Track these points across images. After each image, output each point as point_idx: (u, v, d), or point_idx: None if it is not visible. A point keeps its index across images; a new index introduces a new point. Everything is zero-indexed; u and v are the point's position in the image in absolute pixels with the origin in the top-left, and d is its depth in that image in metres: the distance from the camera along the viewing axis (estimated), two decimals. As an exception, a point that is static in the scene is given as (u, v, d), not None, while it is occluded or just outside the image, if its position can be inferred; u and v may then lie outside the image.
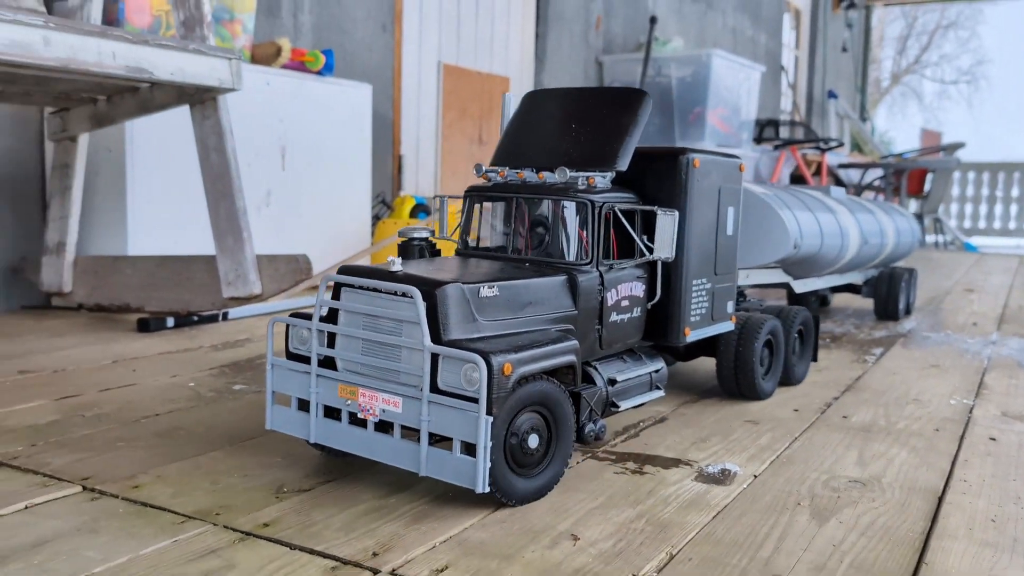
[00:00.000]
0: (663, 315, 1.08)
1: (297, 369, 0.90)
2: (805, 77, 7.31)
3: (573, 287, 0.94)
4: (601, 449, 1.03)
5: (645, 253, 1.01)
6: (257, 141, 2.14)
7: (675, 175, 1.06)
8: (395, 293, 0.84)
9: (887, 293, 2.04)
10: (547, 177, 0.99)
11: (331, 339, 0.90)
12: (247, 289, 1.63)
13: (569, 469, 0.95)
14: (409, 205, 2.56)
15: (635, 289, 1.03)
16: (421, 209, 2.57)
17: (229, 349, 1.56)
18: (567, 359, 0.87)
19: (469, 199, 1.07)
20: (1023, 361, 1.64)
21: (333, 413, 0.90)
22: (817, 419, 1.19)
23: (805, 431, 1.13)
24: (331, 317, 0.90)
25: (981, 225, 6.44)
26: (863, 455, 1.04)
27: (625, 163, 1.00)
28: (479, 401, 0.77)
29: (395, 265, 0.87)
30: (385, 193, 2.93)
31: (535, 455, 0.85)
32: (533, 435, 0.84)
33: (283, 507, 0.83)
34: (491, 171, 1.05)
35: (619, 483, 0.92)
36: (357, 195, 2.47)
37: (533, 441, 0.84)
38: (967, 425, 1.18)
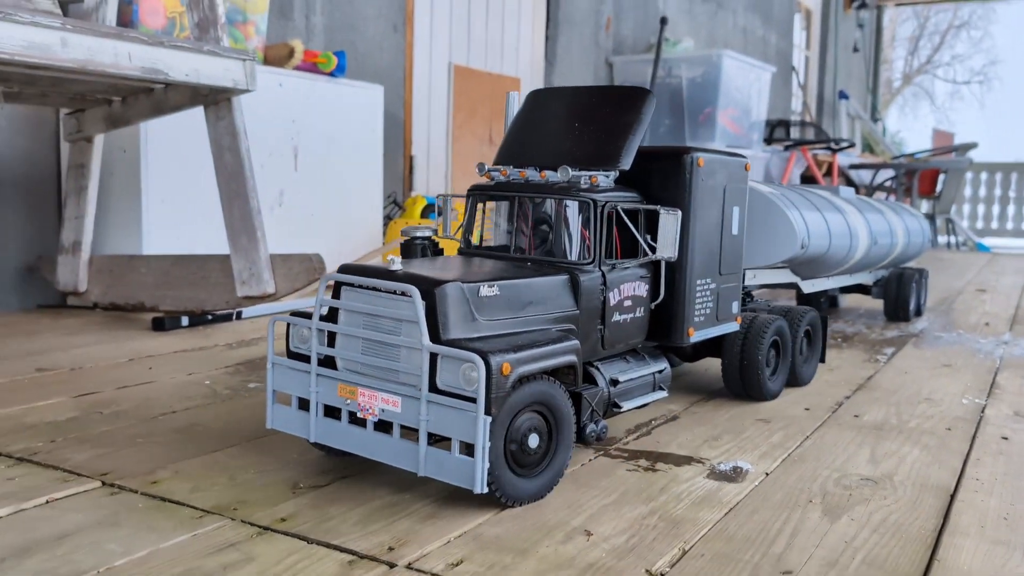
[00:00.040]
0: (667, 315, 1.07)
1: (297, 368, 0.90)
2: (816, 77, 7.29)
3: (575, 287, 0.94)
4: (614, 447, 1.04)
5: (648, 253, 1.01)
6: (270, 142, 2.16)
7: (679, 174, 1.06)
8: (394, 292, 0.84)
9: (897, 294, 2.03)
10: (550, 176, 0.99)
11: (331, 338, 0.89)
12: (261, 288, 1.64)
13: (582, 466, 0.96)
14: (420, 205, 2.57)
15: (638, 289, 1.03)
16: (432, 209, 2.58)
17: (243, 347, 1.57)
18: (567, 359, 0.87)
19: (472, 198, 1.06)
20: (1035, 361, 1.64)
21: (333, 412, 0.89)
22: (829, 417, 1.20)
23: (817, 429, 1.14)
24: (332, 316, 0.90)
25: (994, 226, 6.41)
26: (875, 453, 1.04)
27: (628, 162, 1.00)
28: (477, 401, 0.77)
29: (395, 264, 0.87)
30: (397, 193, 2.94)
31: (535, 455, 0.84)
32: (533, 435, 0.83)
33: (300, 502, 0.84)
34: (494, 170, 1.05)
35: (632, 480, 0.93)
36: (369, 195, 2.49)
37: (533, 441, 0.83)
38: (979, 424, 1.18)
